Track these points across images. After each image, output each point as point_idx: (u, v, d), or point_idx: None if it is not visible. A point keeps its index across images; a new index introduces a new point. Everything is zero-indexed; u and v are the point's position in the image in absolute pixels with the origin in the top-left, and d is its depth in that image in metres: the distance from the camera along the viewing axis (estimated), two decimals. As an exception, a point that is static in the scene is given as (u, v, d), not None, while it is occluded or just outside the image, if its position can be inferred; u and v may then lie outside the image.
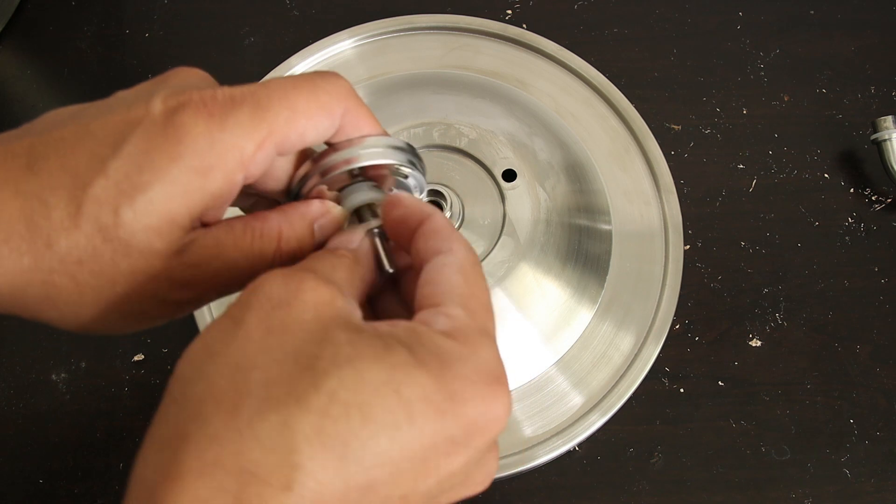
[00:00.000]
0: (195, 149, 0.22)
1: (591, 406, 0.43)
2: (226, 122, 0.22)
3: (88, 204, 0.22)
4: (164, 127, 0.22)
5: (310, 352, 0.20)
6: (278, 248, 0.25)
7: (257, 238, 0.25)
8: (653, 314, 0.45)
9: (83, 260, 0.22)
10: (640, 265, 0.46)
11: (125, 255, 0.22)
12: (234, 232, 0.25)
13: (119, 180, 0.22)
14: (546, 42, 0.52)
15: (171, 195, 0.22)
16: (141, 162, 0.22)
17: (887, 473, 0.43)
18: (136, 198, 0.22)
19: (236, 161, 0.23)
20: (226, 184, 0.23)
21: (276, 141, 0.23)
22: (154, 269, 0.23)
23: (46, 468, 0.43)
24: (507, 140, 0.46)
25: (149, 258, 0.23)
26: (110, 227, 0.22)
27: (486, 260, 0.43)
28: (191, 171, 0.22)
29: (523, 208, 0.44)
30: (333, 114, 0.25)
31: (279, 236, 0.25)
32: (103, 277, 0.22)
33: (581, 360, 0.44)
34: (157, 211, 0.22)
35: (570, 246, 0.44)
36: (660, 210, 0.47)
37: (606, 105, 0.50)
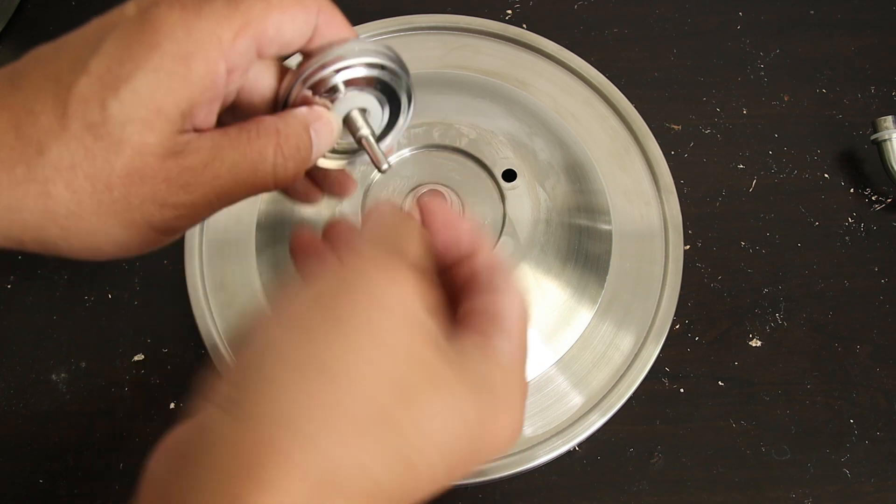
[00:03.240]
0: (173, 37, 0.22)
1: (591, 406, 0.43)
2: (200, 11, 0.23)
3: (74, 103, 0.21)
4: (141, 22, 0.22)
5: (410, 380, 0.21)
6: (277, 146, 0.25)
7: (254, 136, 0.25)
8: (653, 314, 0.45)
9: (76, 163, 0.22)
10: (640, 265, 0.46)
11: (118, 152, 0.22)
12: (230, 134, 0.25)
13: (101, 75, 0.22)
14: (546, 42, 0.52)
15: (156, 83, 0.22)
16: (121, 55, 0.22)
17: (887, 473, 0.43)
18: (120, 89, 0.22)
19: (215, 48, 0.23)
20: (208, 72, 0.23)
21: (253, 32, 0.23)
22: (150, 168, 0.22)
23: (46, 468, 0.43)
24: (507, 140, 0.46)
25: (143, 155, 0.22)
26: (99, 123, 0.22)
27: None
28: (171, 57, 0.22)
29: (523, 208, 0.44)
30: (308, 9, 0.25)
31: (276, 133, 0.25)
32: (99, 181, 0.22)
33: (581, 360, 0.44)
34: (143, 100, 0.22)
35: (570, 246, 0.44)
36: (660, 210, 0.47)
37: (606, 105, 0.50)
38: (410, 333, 0.21)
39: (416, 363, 0.21)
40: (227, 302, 0.45)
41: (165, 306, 0.47)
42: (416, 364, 0.21)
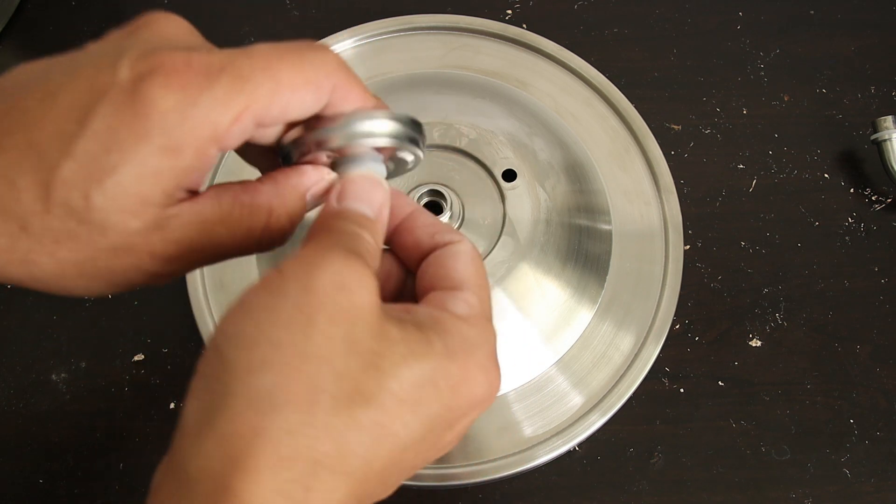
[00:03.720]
0: (164, 126, 0.21)
1: (591, 406, 0.43)
2: (200, 95, 0.21)
3: (57, 188, 0.21)
4: (132, 99, 0.21)
5: (372, 348, 0.21)
6: (267, 225, 0.25)
7: (246, 215, 0.24)
8: (653, 314, 0.45)
9: (60, 240, 0.21)
10: (640, 265, 0.46)
11: (101, 234, 0.22)
12: (222, 207, 0.24)
13: (86, 162, 0.21)
14: (546, 42, 0.52)
15: (141, 176, 0.21)
16: (107, 141, 0.21)
17: (887, 473, 0.43)
18: (104, 181, 0.21)
19: (208, 136, 0.22)
20: (197, 160, 0.22)
21: (254, 114, 0.22)
22: (134, 245, 0.22)
23: (46, 468, 0.43)
24: (507, 140, 0.46)
25: (126, 236, 0.22)
26: (82, 210, 0.21)
27: (487, 260, 0.43)
28: (160, 150, 0.21)
29: (523, 208, 0.44)
30: (321, 88, 0.24)
31: (269, 212, 0.25)
32: (82, 254, 0.22)
33: (581, 360, 0.44)
34: (127, 193, 0.21)
35: (570, 246, 0.44)
36: (660, 210, 0.47)
37: (606, 105, 0.50)
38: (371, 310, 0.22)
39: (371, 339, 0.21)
40: (227, 302, 0.45)
41: (165, 306, 0.47)
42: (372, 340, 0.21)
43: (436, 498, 0.42)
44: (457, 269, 0.25)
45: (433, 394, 0.22)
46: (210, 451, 0.20)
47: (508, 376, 0.43)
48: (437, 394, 0.22)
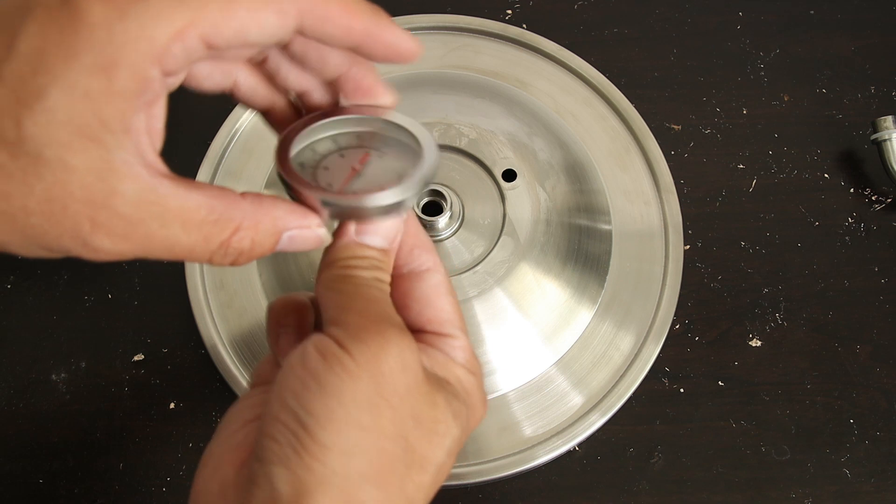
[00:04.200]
0: (93, 42, 0.19)
1: (591, 406, 0.43)
2: (131, 6, 0.19)
3: None
4: (60, 15, 0.19)
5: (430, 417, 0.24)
6: (226, 242, 0.22)
7: (209, 222, 0.22)
8: (653, 314, 0.45)
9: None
10: (640, 265, 0.46)
11: (38, 175, 0.19)
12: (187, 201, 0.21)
13: (15, 86, 0.18)
14: (546, 42, 0.52)
15: (72, 100, 0.19)
16: (35, 63, 0.18)
17: (887, 473, 0.43)
18: (34, 105, 0.18)
19: (145, 52, 0.19)
20: (136, 83, 0.19)
21: (201, 32, 0.20)
22: (74, 200, 0.19)
23: (46, 468, 0.43)
24: (507, 140, 0.46)
25: (66, 183, 0.19)
26: (14, 141, 0.19)
27: (486, 260, 0.43)
28: (90, 69, 0.19)
29: (523, 208, 0.44)
30: (284, 12, 0.21)
31: (235, 230, 0.23)
32: (15, 202, 0.19)
33: (581, 360, 0.44)
34: (59, 120, 0.19)
35: (570, 246, 0.44)
36: (660, 210, 0.47)
37: (606, 105, 0.50)
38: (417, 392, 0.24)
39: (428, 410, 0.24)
40: (227, 302, 0.45)
41: (165, 306, 0.47)
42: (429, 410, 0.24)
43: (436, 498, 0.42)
44: (444, 310, 0.27)
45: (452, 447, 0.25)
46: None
47: (508, 376, 0.43)
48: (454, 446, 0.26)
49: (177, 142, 0.51)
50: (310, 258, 0.44)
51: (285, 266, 0.44)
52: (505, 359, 0.42)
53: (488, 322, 0.42)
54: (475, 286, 0.42)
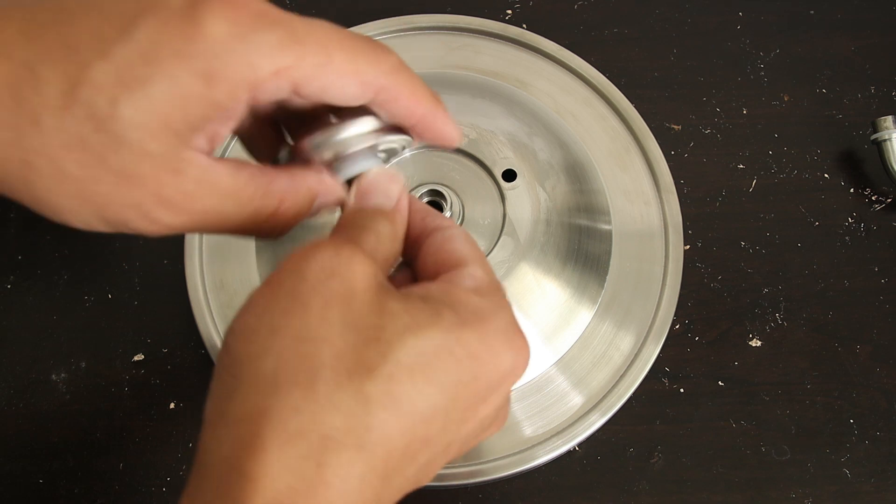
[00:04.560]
0: (206, 52, 0.20)
1: (591, 406, 0.43)
2: (250, 35, 0.21)
3: (85, 86, 0.20)
4: (182, 19, 0.20)
5: (371, 322, 0.21)
6: (275, 212, 0.25)
7: (258, 196, 0.24)
8: (653, 314, 0.45)
9: (70, 146, 0.20)
10: (640, 265, 0.46)
11: (115, 150, 0.20)
12: (238, 179, 0.23)
13: (121, 68, 0.20)
14: (546, 42, 0.52)
15: (172, 96, 0.21)
16: (147, 53, 0.20)
17: (887, 473, 0.43)
18: (135, 90, 0.20)
19: (246, 78, 0.21)
20: (229, 98, 0.21)
21: (295, 78, 0.22)
22: (142, 177, 0.21)
23: (46, 468, 0.43)
24: (507, 140, 0.46)
25: (139, 163, 0.21)
26: (104, 117, 0.20)
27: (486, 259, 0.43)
28: (196, 75, 0.21)
29: (523, 208, 0.44)
30: (367, 85, 0.24)
31: (280, 201, 0.25)
32: (88, 170, 0.21)
33: (581, 360, 0.44)
34: (153, 109, 0.20)
35: (570, 246, 0.44)
36: (660, 210, 0.47)
37: (606, 105, 0.50)
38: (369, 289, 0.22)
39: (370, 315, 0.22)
40: (227, 302, 0.45)
41: (165, 306, 0.47)
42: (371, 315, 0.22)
43: (436, 498, 0.42)
44: (456, 250, 0.26)
45: (450, 361, 0.22)
46: (222, 437, 0.20)
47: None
48: (454, 361, 0.22)
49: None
50: None
51: None
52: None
53: None
54: None
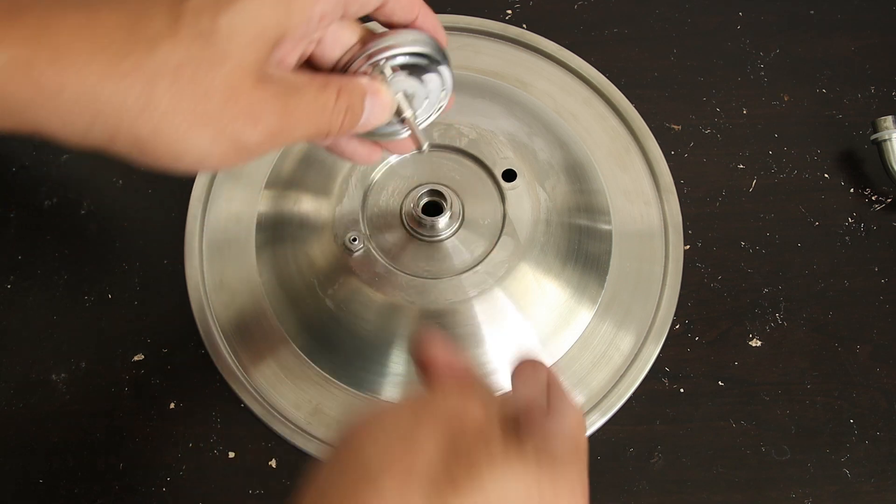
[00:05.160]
0: None
1: (591, 406, 0.43)
2: None
3: (187, 13, 0.24)
4: None
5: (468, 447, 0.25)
6: (337, 102, 0.29)
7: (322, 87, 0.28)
8: (653, 314, 0.45)
9: (182, 64, 0.24)
10: (640, 265, 0.46)
11: (221, 63, 0.24)
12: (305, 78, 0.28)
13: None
14: (546, 42, 0.52)
15: (261, 8, 0.25)
16: None
17: (887, 473, 0.43)
18: (231, 6, 0.24)
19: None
20: (305, 10, 0.26)
21: None
22: (244, 86, 0.25)
23: (46, 468, 0.43)
24: (507, 140, 0.46)
25: (240, 72, 0.25)
26: (208, 32, 0.24)
27: (487, 260, 0.43)
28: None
29: (523, 208, 0.44)
30: None
31: (338, 91, 0.28)
32: (200, 86, 0.24)
33: (581, 360, 0.44)
34: (248, 21, 0.25)
35: (570, 246, 0.44)
36: (660, 210, 0.47)
37: (606, 105, 0.50)
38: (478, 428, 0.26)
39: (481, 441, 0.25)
40: (227, 302, 0.45)
41: (165, 306, 0.47)
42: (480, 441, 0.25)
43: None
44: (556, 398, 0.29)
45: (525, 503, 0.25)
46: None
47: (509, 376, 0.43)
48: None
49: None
50: (309, 257, 0.44)
51: (285, 266, 0.45)
52: (505, 358, 0.42)
53: (488, 322, 0.42)
54: (475, 286, 0.42)
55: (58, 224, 0.49)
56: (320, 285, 0.43)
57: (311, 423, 0.43)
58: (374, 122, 0.31)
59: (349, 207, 0.44)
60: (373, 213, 0.44)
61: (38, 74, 0.23)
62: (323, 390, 0.43)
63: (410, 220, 0.43)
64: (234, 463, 0.43)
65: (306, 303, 0.43)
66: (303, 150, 0.47)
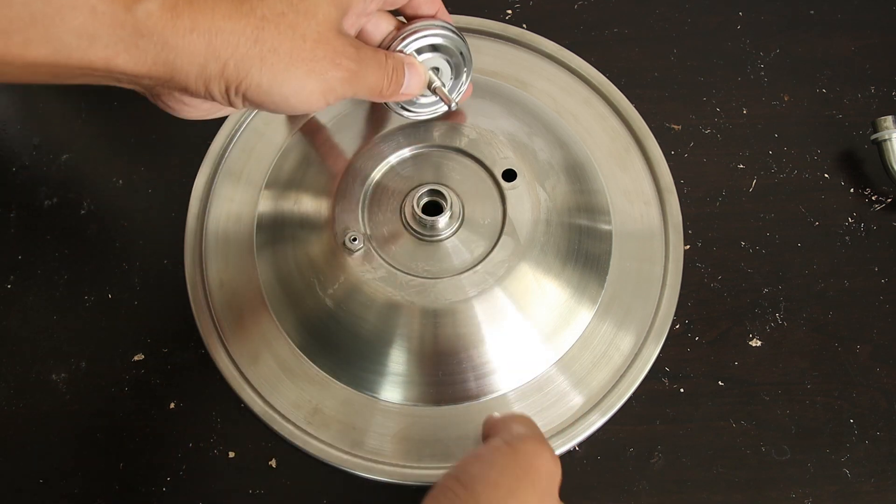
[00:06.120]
0: None
1: (591, 406, 0.43)
2: None
3: None
4: None
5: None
6: (387, 62, 0.36)
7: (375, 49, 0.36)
8: (653, 314, 0.45)
9: (284, 12, 0.31)
10: (640, 265, 0.46)
11: (313, 15, 0.31)
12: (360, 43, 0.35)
13: None
14: (546, 42, 0.52)
15: None
16: None
17: (887, 473, 0.43)
18: None
19: None
20: None
21: None
22: (329, 34, 0.32)
23: (46, 468, 0.43)
24: (507, 140, 0.46)
25: (326, 24, 0.32)
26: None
27: (487, 260, 0.43)
28: None
29: (523, 208, 0.44)
30: None
31: (385, 57, 0.36)
32: (297, 30, 0.31)
33: (581, 360, 0.44)
34: None
35: (570, 246, 0.44)
36: (660, 210, 0.47)
37: (606, 105, 0.50)
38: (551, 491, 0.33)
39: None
40: (227, 302, 0.45)
41: (165, 306, 0.47)
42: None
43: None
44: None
45: None
46: None
47: (508, 376, 0.43)
48: None
49: (177, 142, 0.51)
50: (309, 257, 0.44)
51: (285, 265, 0.45)
52: (505, 358, 0.42)
53: (488, 322, 0.42)
54: (475, 286, 0.42)
55: (58, 224, 0.49)
56: (320, 284, 0.43)
57: (312, 423, 0.43)
58: (413, 89, 0.39)
59: (349, 207, 0.44)
60: (373, 212, 0.44)
61: (179, 14, 0.28)
62: (322, 389, 0.43)
63: (411, 219, 0.43)
64: (234, 463, 0.43)
65: (306, 302, 0.43)
66: (303, 150, 0.47)
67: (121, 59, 0.28)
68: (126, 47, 0.28)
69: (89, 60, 0.28)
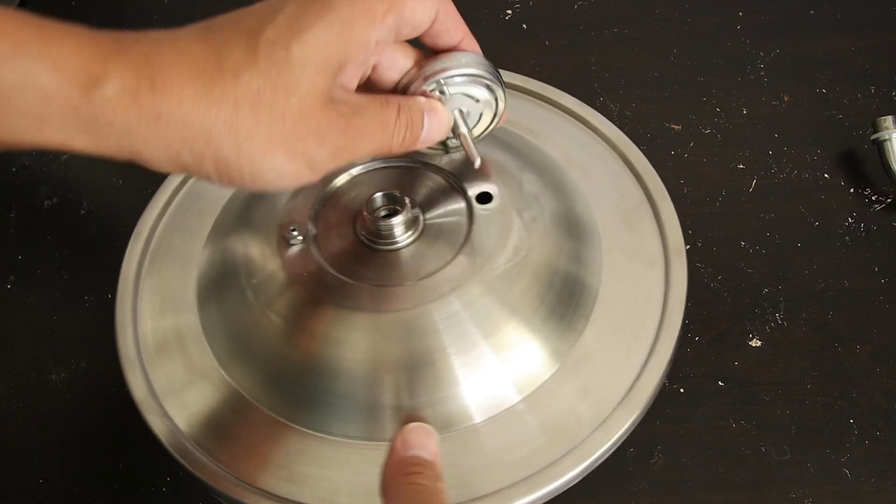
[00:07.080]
0: (341, 5, 0.28)
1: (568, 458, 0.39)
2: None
3: (263, 45, 0.27)
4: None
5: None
6: (398, 118, 0.31)
7: (384, 105, 0.31)
8: (630, 384, 0.39)
9: (261, 91, 0.27)
10: (625, 328, 0.40)
11: (295, 88, 0.27)
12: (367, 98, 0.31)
13: (287, 25, 0.27)
14: (567, 97, 0.48)
15: (328, 37, 0.28)
16: (303, 11, 0.28)
17: (887, 473, 0.43)
18: (302, 35, 0.27)
19: (370, 19, 0.29)
20: (364, 37, 0.29)
21: (397, 11, 0.30)
22: (314, 108, 0.28)
23: (46, 468, 0.43)
24: (495, 167, 0.41)
25: (311, 96, 0.28)
26: (283, 61, 0.27)
27: (434, 276, 0.38)
28: (340, 19, 0.28)
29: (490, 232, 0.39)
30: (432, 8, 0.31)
31: (399, 108, 0.31)
32: (276, 110, 0.27)
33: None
34: (318, 48, 0.28)
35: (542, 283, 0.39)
36: (664, 272, 0.42)
37: (623, 164, 0.46)
38: None
39: None
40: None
41: (165, 306, 0.47)
42: None
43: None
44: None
45: None
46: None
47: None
48: None
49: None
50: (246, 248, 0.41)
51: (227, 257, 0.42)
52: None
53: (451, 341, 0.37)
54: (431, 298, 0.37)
55: (58, 224, 0.49)
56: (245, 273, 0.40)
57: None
58: (434, 137, 0.34)
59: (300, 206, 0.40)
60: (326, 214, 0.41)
61: (142, 102, 0.25)
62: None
63: (361, 223, 0.39)
64: (234, 463, 0.43)
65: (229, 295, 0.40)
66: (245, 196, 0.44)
67: (77, 142, 0.26)
68: (83, 131, 0.26)
69: (42, 142, 0.26)
